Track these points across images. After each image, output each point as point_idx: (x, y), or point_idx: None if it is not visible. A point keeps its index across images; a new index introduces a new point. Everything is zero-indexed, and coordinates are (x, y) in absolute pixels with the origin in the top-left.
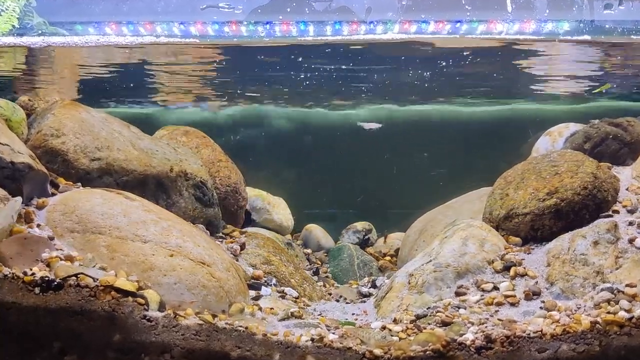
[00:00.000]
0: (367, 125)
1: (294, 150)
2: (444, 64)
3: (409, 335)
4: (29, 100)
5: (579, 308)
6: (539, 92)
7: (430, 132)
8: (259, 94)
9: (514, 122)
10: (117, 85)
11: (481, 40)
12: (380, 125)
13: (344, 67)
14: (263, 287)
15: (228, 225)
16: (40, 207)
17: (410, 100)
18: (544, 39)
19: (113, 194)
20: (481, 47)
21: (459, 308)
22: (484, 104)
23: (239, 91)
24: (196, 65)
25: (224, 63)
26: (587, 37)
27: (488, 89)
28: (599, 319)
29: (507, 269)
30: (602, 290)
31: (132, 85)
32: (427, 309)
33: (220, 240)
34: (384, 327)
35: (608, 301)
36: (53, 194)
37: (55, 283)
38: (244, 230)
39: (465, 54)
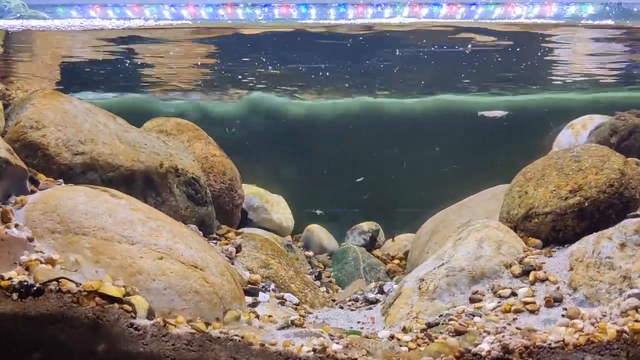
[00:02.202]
0: (491, 114)
1: (293, 145)
2: (459, 49)
3: (420, 346)
4: (7, 89)
5: (604, 316)
6: (560, 80)
7: (442, 125)
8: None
9: (534, 114)
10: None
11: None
12: (505, 113)
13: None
14: (261, 292)
15: (223, 226)
16: (18, 206)
17: (418, 90)
18: (565, 24)
19: (98, 192)
20: (497, 31)
21: (473, 316)
22: (501, 93)
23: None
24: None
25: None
26: (609, 22)
27: (505, 77)
28: (626, 328)
29: (526, 273)
30: (629, 296)
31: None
32: (439, 316)
33: (214, 241)
34: (392, 337)
35: (636, 308)
36: (32, 192)
37: (35, 288)
38: (240, 231)
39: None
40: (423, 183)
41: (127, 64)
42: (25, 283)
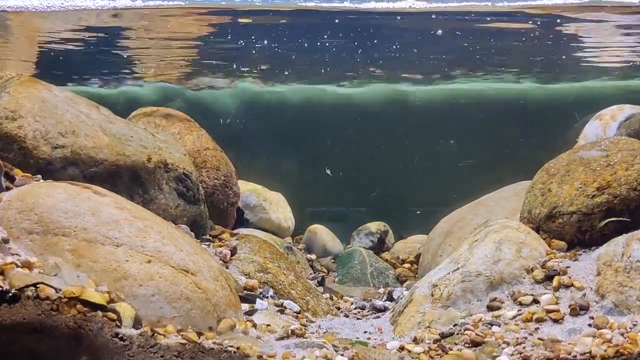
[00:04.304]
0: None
1: (294, 137)
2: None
3: (432, 358)
4: None
5: (634, 325)
6: (588, 66)
7: (457, 115)
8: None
9: (558, 103)
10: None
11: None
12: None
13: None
14: (258, 299)
15: (216, 226)
16: None
17: (432, 76)
18: (590, 4)
19: (79, 189)
20: (517, 12)
21: (491, 325)
22: (521, 81)
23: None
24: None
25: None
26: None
27: (526, 64)
28: None
29: (549, 278)
30: None
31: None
32: (453, 326)
33: (207, 243)
34: (402, 348)
35: None
36: (8, 188)
37: (10, 294)
38: (235, 231)
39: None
40: (437, 179)
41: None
42: (0, 289)
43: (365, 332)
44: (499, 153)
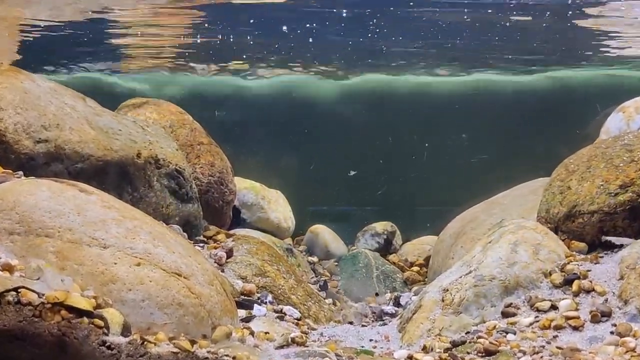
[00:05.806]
0: None
1: (294, 131)
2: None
3: None
4: None
5: None
6: (609, 53)
7: (470, 108)
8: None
9: (578, 95)
10: None
11: None
12: None
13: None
14: (256, 305)
15: (211, 226)
16: None
17: (441, 67)
18: None
19: (64, 186)
20: None
21: (506, 333)
22: (538, 70)
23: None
24: None
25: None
26: None
27: (542, 51)
28: None
29: (568, 282)
30: None
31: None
32: (466, 333)
33: (201, 245)
34: (410, 357)
35: None
36: None
37: None
38: (231, 232)
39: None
40: (447, 177)
41: None
42: None
43: (370, 340)
44: (515, 148)
